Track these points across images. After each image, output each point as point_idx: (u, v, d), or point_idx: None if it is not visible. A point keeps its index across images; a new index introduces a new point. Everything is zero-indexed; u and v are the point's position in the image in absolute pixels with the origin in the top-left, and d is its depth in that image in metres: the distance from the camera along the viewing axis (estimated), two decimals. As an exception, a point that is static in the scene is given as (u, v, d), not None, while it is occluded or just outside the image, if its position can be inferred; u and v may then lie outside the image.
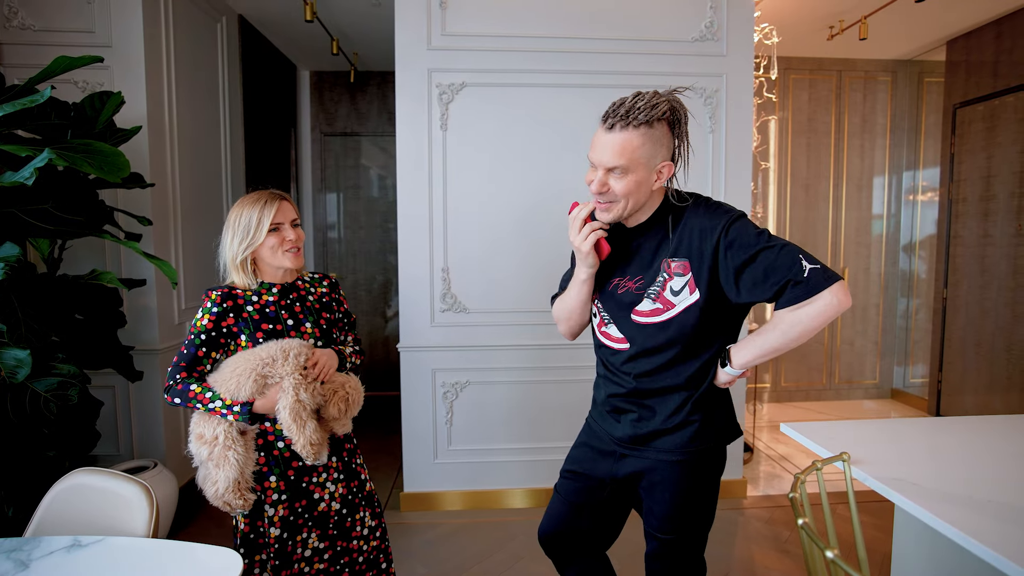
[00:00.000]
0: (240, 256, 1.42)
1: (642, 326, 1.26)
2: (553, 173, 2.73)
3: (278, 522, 1.40)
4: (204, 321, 1.38)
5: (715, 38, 2.73)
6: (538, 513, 2.76)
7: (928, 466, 1.22)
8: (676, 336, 1.23)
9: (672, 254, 1.23)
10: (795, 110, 4.42)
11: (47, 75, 1.78)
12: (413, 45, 2.62)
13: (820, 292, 1.09)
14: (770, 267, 1.13)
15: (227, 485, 1.30)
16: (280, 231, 1.44)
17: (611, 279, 1.32)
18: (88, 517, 1.30)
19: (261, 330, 1.41)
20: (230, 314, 1.40)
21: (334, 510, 1.48)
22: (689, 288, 1.21)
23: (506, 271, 2.74)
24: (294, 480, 1.43)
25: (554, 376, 2.79)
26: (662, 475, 1.29)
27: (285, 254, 1.44)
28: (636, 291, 1.27)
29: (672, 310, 1.22)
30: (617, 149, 1.17)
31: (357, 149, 4.69)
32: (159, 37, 2.67)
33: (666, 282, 1.23)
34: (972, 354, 3.78)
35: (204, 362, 1.39)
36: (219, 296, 1.40)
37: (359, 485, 1.55)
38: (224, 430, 1.33)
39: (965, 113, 3.81)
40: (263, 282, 1.48)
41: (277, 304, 1.46)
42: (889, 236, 4.59)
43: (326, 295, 1.57)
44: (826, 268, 1.12)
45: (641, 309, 1.26)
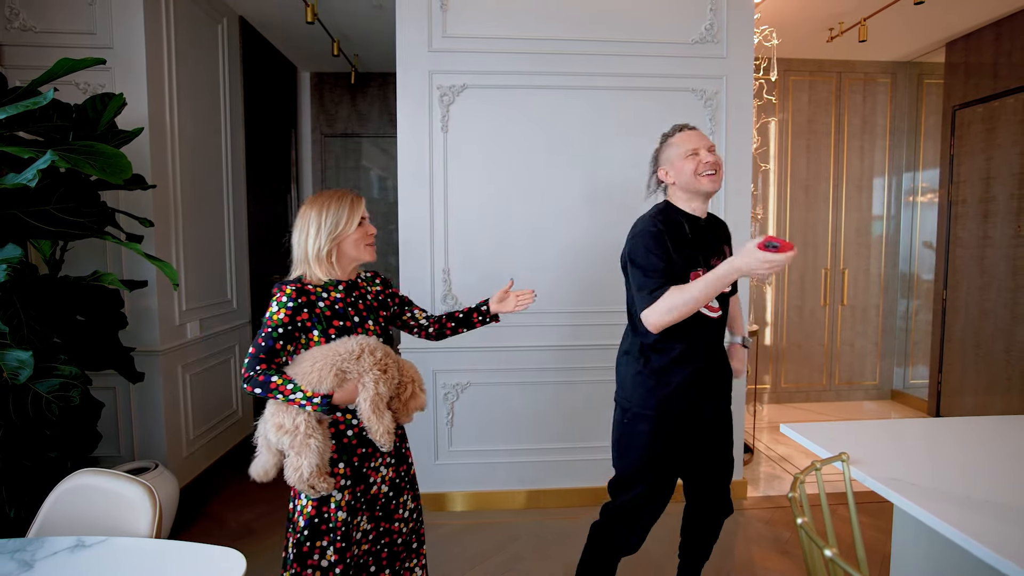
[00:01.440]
0: (326, 247, 1.48)
1: (726, 294, 1.70)
2: (554, 174, 2.74)
3: (344, 506, 1.47)
4: (280, 315, 1.42)
5: (715, 40, 2.74)
6: (539, 514, 2.76)
7: (927, 466, 1.22)
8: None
9: (726, 241, 1.78)
10: (795, 112, 4.43)
11: (50, 77, 1.79)
12: (414, 47, 2.63)
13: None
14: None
15: (311, 470, 1.37)
16: (364, 225, 1.53)
17: (711, 259, 1.67)
18: (91, 518, 1.30)
19: (333, 326, 1.46)
20: (304, 309, 1.44)
21: (383, 493, 1.55)
22: None
23: (507, 272, 2.74)
24: (357, 465, 1.50)
25: (555, 377, 2.80)
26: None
27: (367, 248, 1.53)
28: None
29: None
30: (703, 135, 1.69)
31: (358, 150, 4.70)
32: (160, 39, 2.68)
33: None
34: (972, 355, 3.78)
35: (281, 354, 1.43)
36: (293, 291, 1.44)
37: (406, 469, 1.63)
38: (304, 419, 1.39)
39: (965, 115, 3.82)
40: (330, 279, 1.52)
41: (344, 301, 1.51)
42: (889, 237, 4.59)
43: (381, 293, 1.65)
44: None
45: None
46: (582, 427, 2.81)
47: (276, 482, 1.46)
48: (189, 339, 2.90)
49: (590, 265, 2.74)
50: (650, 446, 1.66)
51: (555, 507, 2.82)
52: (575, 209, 2.75)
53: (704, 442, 1.75)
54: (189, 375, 2.91)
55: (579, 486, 2.83)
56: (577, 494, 2.82)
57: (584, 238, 2.75)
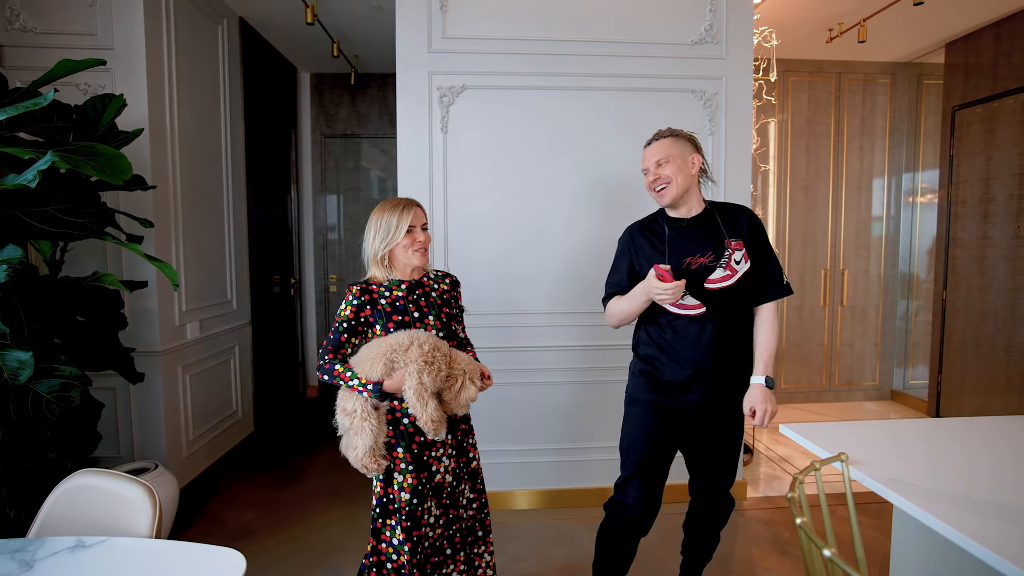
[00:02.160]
0: (381, 252, 1.65)
1: (718, 291, 1.68)
2: (554, 175, 2.74)
3: (408, 488, 1.59)
4: (347, 312, 1.61)
5: (715, 41, 2.74)
6: (541, 514, 2.76)
7: (926, 466, 1.22)
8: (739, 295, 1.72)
9: (730, 235, 1.72)
10: (794, 112, 4.43)
11: (50, 78, 1.79)
12: (414, 47, 2.63)
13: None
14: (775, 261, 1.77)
15: (364, 451, 1.52)
16: (412, 233, 1.65)
17: (686, 258, 1.70)
18: (91, 518, 1.30)
19: (392, 321, 1.62)
20: (367, 306, 1.62)
21: (447, 482, 1.67)
22: (744, 259, 1.69)
23: (507, 272, 2.74)
24: (417, 453, 1.62)
25: (556, 378, 2.80)
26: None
27: (415, 253, 1.65)
28: (708, 263, 1.69)
29: (736, 275, 1.68)
30: (655, 150, 1.74)
31: (357, 151, 4.70)
32: (160, 39, 2.68)
33: (731, 255, 1.68)
34: (971, 356, 3.79)
35: (346, 346, 1.62)
36: (358, 291, 1.63)
37: (466, 462, 1.74)
38: (361, 405, 1.54)
39: (964, 115, 3.82)
40: (393, 279, 1.68)
41: (405, 299, 1.66)
42: (889, 238, 4.60)
43: (447, 292, 1.76)
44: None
45: (715, 277, 1.68)
46: (584, 428, 2.81)
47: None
48: (189, 340, 2.90)
49: (592, 265, 2.75)
50: (639, 426, 1.79)
51: (557, 508, 2.82)
52: (575, 209, 2.76)
53: (699, 434, 1.80)
54: (189, 376, 2.91)
55: (582, 487, 2.83)
56: (579, 495, 2.82)
57: (585, 238, 2.76)
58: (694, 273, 1.68)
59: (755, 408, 1.67)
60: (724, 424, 1.78)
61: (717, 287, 1.67)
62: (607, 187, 2.74)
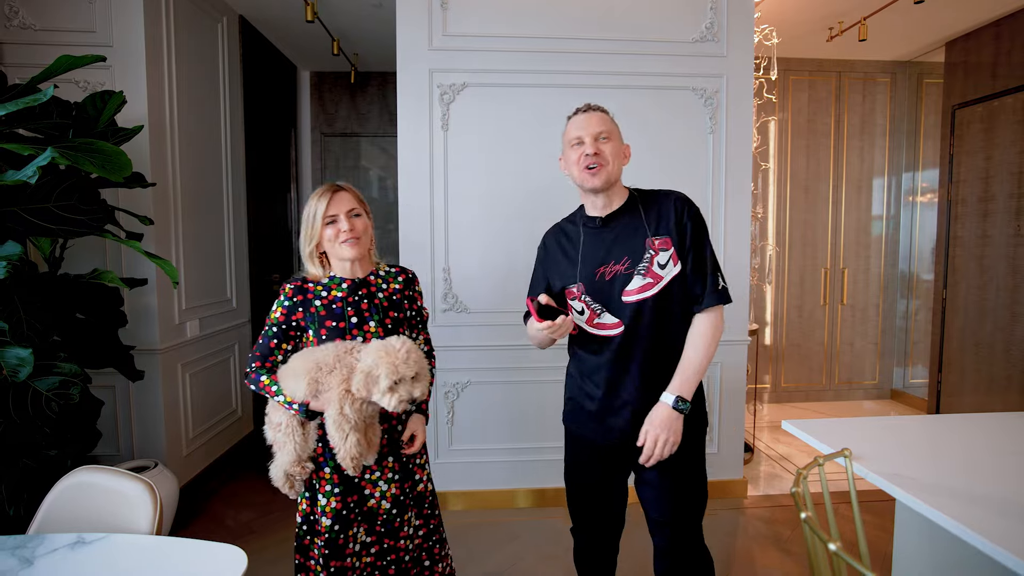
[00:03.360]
0: (307, 249, 1.47)
1: (638, 303, 1.40)
2: (554, 173, 2.73)
3: (329, 513, 1.44)
4: (277, 314, 1.45)
5: (715, 39, 2.74)
6: (540, 513, 2.76)
7: (928, 462, 1.22)
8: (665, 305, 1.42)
9: (654, 232, 1.41)
10: (795, 111, 4.43)
11: (49, 74, 1.78)
12: (414, 45, 2.62)
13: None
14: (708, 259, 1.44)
15: (281, 468, 1.40)
16: (336, 223, 1.45)
17: (597, 268, 1.43)
18: (91, 515, 1.30)
19: (325, 327, 1.43)
20: (299, 308, 1.44)
21: (383, 508, 1.50)
22: (672, 261, 1.40)
23: (507, 271, 2.74)
24: (347, 475, 1.45)
25: (556, 376, 2.79)
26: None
27: (343, 245, 1.44)
28: (625, 271, 1.40)
29: (661, 282, 1.39)
30: (597, 119, 1.45)
31: (357, 150, 4.69)
32: (160, 37, 2.68)
33: (653, 257, 1.39)
34: (971, 355, 3.79)
35: (276, 353, 1.45)
36: (292, 290, 1.45)
37: (412, 486, 1.55)
38: (287, 419, 1.41)
39: (964, 114, 3.82)
40: (334, 276, 1.49)
41: (344, 300, 1.46)
42: (888, 237, 4.60)
43: (398, 292, 1.55)
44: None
45: (632, 288, 1.39)
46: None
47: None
48: (189, 338, 2.89)
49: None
50: (569, 461, 1.64)
51: (555, 506, 2.81)
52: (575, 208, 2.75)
53: (639, 469, 1.48)
54: (189, 374, 2.90)
55: (579, 485, 2.83)
56: (577, 493, 2.82)
57: (584, 237, 2.75)
58: (608, 284, 1.40)
59: (647, 434, 1.34)
60: (662, 464, 1.42)
61: (635, 299, 1.37)
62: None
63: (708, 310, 1.40)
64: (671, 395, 1.35)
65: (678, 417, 1.35)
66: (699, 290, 1.40)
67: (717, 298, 1.39)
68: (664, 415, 1.35)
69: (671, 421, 1.34)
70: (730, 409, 2.87)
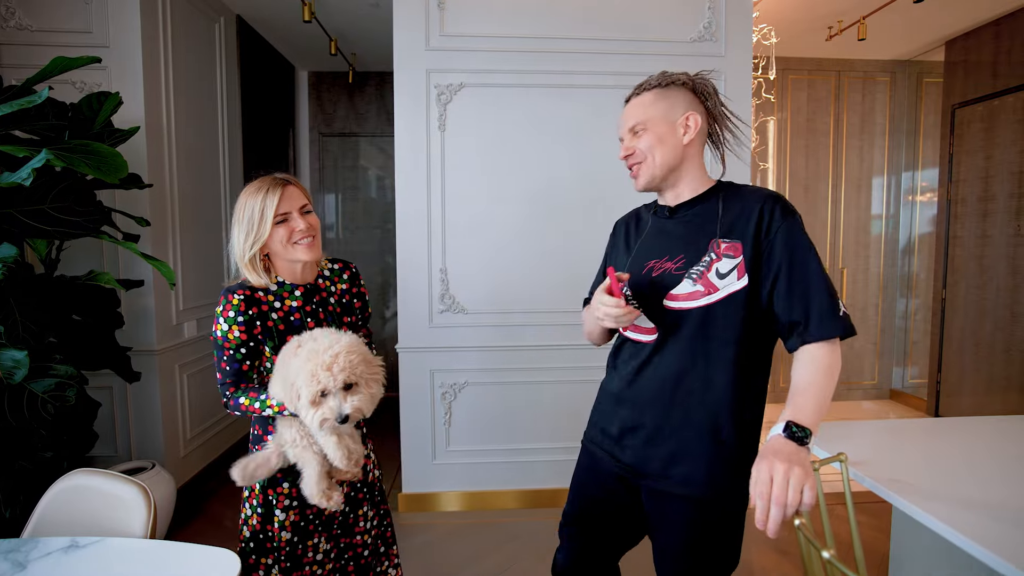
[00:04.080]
0: (249, 253, 1.27)
1: (681, 312, 1.12)
2: (551, 173, 2.73)
3: (289, 526, 1.34)
4: (235, 333, 1.25)
5: (713, 39, 2.73)
6: (536, 514, 2.76)
7: (926, 467, 1.22)
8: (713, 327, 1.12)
9: (724, 234, 1.12)
10: (794, 111, 4.42)
11: (44, 75, 1.78)
12: (411, 46, 2.62)
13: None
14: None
15: (313, 485, 1.23)
16: (288, 221, 1.28)
17: (645, 263, 1.21)
18: (86, 518, 1.30)
19: (286, 342, 1.26)
20: (257, 322, 1.27)
21: (339, 511, 1.43)
22: (737, 272, 1.09)
23: (505, 271, 2.74)
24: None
25: (554, 377, 2.79)
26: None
27: (297, 246, 1.28)
28: (676, 271, 1.15)
29: (715, 294, 1.09)
30: (633, 112, 1.21)
31: (355, 150, 4.69)
32: (157, 37, 2.67)
33: (712, 262, 1.11)
34: (971, 355, 3.78)
35: (251, 375, 1.30)
36: (242, 302, 1.25)
37: (362, 481, 1.48)
38: (295, 431, 1.24)
39: (964, 113, 3.81)
40: (284, 283, 1.33)
41: (302, 311, 1.33)
42: (888, 236, 4.59)
43: (347, 292, 1.44)
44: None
45: (679, 292, 1.12)
46: (581, 427, 2.80)
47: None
48: (186, 339, 2.89)
49: (588, 264, 2.73)
50: (577, 467, 1.41)
51: (554, 507, 2.81)
52: (573, 208, 2.75)
53: (644, 518, 1.24)
54: (186, 375, 2.90)
55: (577, 486, 2.82)
56: (575, 494, 2.81)
57: (583, 237, 2.75)
58: (653, 283, 1.17)
59: (759, 472, 0.89)
60: (673, 513, 1.15)
61: (677, 307, 1.12)
62: (605, 185, 2.73)
63: (823, 343, 1.03)
64: (782, 422, 0.97)
65: (799, 450, 0.90)
66: (798, 315, 1.05)
67: (839, 326, 1.03)
68: (775, 448, 0.91)
69: (788, 452, 0.89)
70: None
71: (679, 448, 1.13)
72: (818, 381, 1.00)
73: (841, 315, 1.04)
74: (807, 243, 1.08)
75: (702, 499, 1.10)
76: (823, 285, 1.04)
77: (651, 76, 1.23)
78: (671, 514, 1.14)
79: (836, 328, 1.03)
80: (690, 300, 1.11)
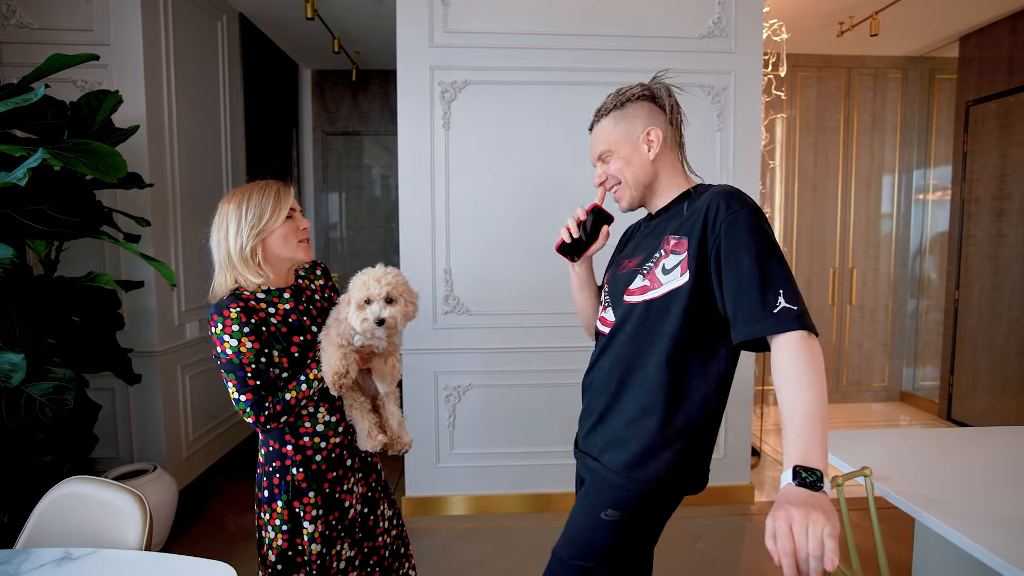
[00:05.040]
0: (249, 244, 1.27)
1: (631, 305, 1.15)
2: (558, 172, 2.68)
3: (318, 538, 1.34)
4: (248, 344, 1.22)
5: (723, 34, 2.67)
6: (542, 519, 2.72)
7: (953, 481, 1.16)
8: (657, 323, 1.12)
9: (675, 231, 1.12)
10: (803, 108, 4.36)
11: (41, 74, 1.75)
12: (415, 43, 2.58)
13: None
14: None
15: (364, 438, 1.37)
16: (294, 218, 1.33)
17: (620, 263, 1.28)
18: (80, 527, 1.26)
19: (294, 343, 1.30)
20: (262, 328, 1.26)
21: (357, 511, 1.44)
22: (680, 268, 1.08)
23: (510, 272, 2.69)
24: (328, 492, 1.38)
25: (559, 379, 2.75)
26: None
27: (299, 245, 1.34)
28: (634, 268, 1.19)
29: (658, 289, 1.10)
30: (597, 139, 1.25)
31: (359, 148, 4.65)
32: (158, 35, 2.64)
33: (660, 259, 1.13)
34: (984, 357, 3.71)
35: (280, 380, 1.29)
36: (240, 313, 1.23)
37: (376, 478, 1.51)
38: (347, 400, 1.38)
39: (978, 111, 3.74)
40: (270, 289, 1.34)
41: (296, 311, 1.34)
42: (899, 236, 4.52)
43: (325, 287, 1.48)
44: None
45: (632, 287, 1.17)
46: (587, 430, 2.76)
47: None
48: (188, 339, 2.86)
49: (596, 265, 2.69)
50: None
51: (559, 512, 2.77)
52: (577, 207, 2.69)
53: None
54: (189, 376, 2.87)
55: (584, 490, 2.78)
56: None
57: (589, 237, 2.70)
58: (622, 279, 1.23)
59: (776, 524, 0.78)
60: (593, 486, 1.20)
61: (629, 301, 1.16)
62: (613, 185, 2.68)
63: (784, 342, 0.93)
64: (787, 468, 0.86)
65: (813, 495, 0.81)
66: (730, 313, 1.01)
67: (770, 324, 0.94)
68: (788, 498, 0.81)
69: (805, 498, 0.80)
70: (736, 411, 2.81)
71: (613, 436, 1.16)
72: (802, 400, 0.89)
73: (776, 311, 0.94)
74: (748, 237, 1.01)
75: (619, 486, 1.12)
76: (754, 281, 0.97)
77: (607, 97, 1.24)
78: (591, 485, 1.19)
79: (765, 327, 0.94)
80: (639, 295, 1.15)
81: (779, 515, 0.78)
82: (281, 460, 1.34)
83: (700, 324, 1.07)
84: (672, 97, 1.21)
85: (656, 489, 1.10)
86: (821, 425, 0.87)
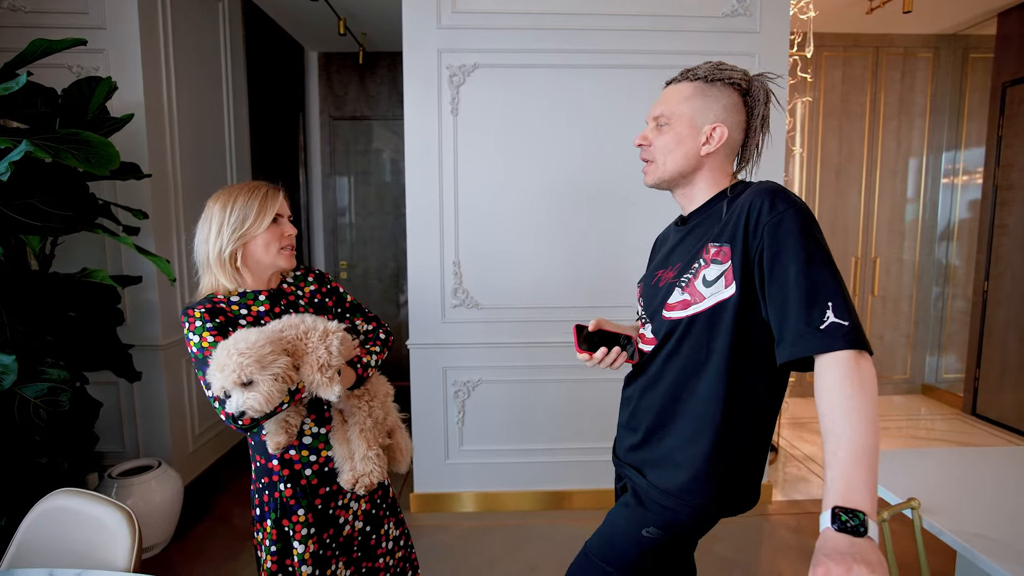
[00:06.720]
0: (229, 248, 1.23)
1: (673, 322, 1.04)
2: (572, 160, 2.56)
3: (309, 559, 1.27)
4: (210, 339, 1.17)
5: (747, 13, 2.52)
6: (552, 516, 2.65)
7: (1009, 513, 1.05)
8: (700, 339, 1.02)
9: (715, 238, 1.01)
10: (827, 90, 4.17)
11: (24, 59, 1.66)
12: (421, 24, 2.45)
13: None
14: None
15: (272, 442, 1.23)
16: (279, 224, 1.29)
17: (657, 271, 1.16)
18: (67, 544, 1.21)
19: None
20: (228, 328, 1.20)
21: (357, 530, 1.36)
22: (724, 280, 0.97)
23: (520, 264, 2.59)
24: (321, 508, 1.31)
25: (571, 375, 2.66)
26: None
27: (281, 252, 1.28)
28: (671, 280, 1.07)
29: (701, 303, 1.00)
30: (665, 98, 1.10)
31: (368, 133, 4.54)
32: (156, 18, 2.54)
33: (700, 269, 1.01)
34: (1014, 351, 3.56)
35: None
36: (205, 312, 1.19)
37: (383, 494, 1.42)
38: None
39: (1016, 92, 3.53)
40: (246, 292, 1.28)
41: (272, 314, 1.28)
42: (925, 222, 4.34)
43: (316, 293, 1.40)
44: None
45: (671, 302, 1.05)
46: (599, 427, 2.68)
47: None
48: (192, 333, 2.80)
49: (610, 257, 2.58)
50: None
51: (570, 509, 2.70)
52: (594, 198, 2.58)
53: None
54: (194, 370, 2.82)
55: (595, 488, 2.70)
56: (593, 496, 2.70)
57: (604, 228, 2.58)
58: (658, 292, 1.11)
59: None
60: (632, 495, 1.15)
61: (671, 317, 1.05)
62: (629, 173, 2.56)
63: (830, 364, 0.84)
64: (826, 510, 0.77)
65: (855, 541, 0.72)
66: (776, 330, 0.91)
67: (816, 343, 0.85)
68: (826, 548, 0.73)
69: (846, 549, 0.72)
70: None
71: (662, 456, 1.08)
72: (847, 431, 0.79)
73: (823, 328, 0.85)
74: (795, 242, 0.91)
75: (668, 507, 1.05)
76: (800, 293, 0.88)
77: (704, 64, 1.08)
78: (636, 497, 1.12)
79: (810, 345, 0.85)
80: (680, 310, 1.04)
81: (818, 572, 0.70)
82: (269, 476, 1.28)
83: (751, 338, 0.98)
84: (766, 106, 1.07)
85: (708, 511, 1.03)
86: (867, 460, 0.77)
